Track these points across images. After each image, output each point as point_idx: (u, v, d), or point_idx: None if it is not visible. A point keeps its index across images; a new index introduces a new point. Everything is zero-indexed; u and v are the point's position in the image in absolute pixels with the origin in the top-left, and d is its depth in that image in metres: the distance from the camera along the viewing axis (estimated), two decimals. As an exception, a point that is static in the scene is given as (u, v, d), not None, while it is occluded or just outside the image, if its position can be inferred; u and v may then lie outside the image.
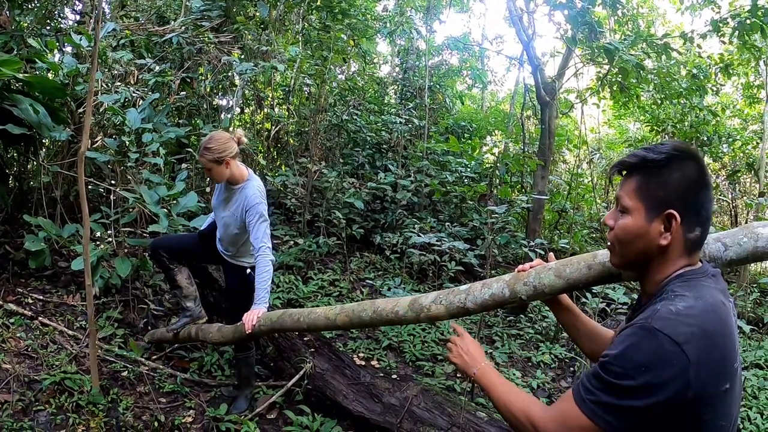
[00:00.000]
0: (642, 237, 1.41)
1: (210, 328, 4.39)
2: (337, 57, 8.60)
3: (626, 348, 1.25)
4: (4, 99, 5.20)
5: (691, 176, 1.37)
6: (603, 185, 12.38)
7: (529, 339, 6.76)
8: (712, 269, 1.44)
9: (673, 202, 1.37)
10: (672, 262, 1.41)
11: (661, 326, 1.23)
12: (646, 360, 1.21)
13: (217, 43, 6.76)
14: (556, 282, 2.01)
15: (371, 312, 2.82)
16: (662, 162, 1.38)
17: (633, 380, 1.22)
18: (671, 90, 8.54)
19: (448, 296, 2.41)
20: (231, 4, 7.25)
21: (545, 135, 7.99)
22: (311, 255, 7.43)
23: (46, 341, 4.62)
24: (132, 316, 5.46)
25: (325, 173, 7.55)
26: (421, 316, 2.53)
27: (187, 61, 6.66)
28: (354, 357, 5.18)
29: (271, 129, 8.69)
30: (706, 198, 1.39)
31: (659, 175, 1.38)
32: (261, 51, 7.11)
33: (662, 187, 1.38)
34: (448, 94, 11.20)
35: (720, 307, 1.31)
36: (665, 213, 1.37)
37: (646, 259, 1.44)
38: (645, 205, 1.40)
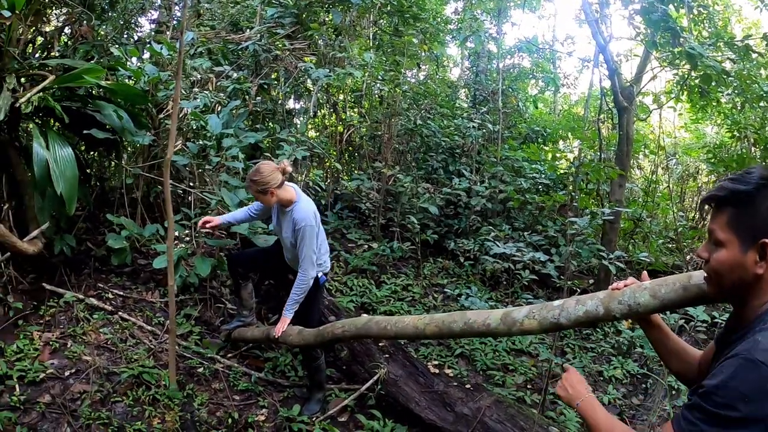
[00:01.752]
0: (738, 268, 1.42)
1: (290, 331, 4.36)
2: (410, 62, 8.55)
3: (730, 378, 1.25)
4: (88, 105, 5.42)
5: None
6: (679, 192, 11.78)
7: (601, 353, 6.44)
8: None
9: (766, 231, 1.37)
10: (765, 290, 1.41)
11: (765, 358, 1.23)
12: (750, 391, 1.21)
13: (291, 49, 6.82)
14: (650, 302, 2.00)
15: (462, 324, 2.81)
16: (752, 192, 1.38)
17: (737, 411, 1.22)
18: (752, 93, 7.99)
19: (541, 311, 2.42)
20: (303, 10, 7.32)
21: (623, 141, 7.62)
22: (384, 259, 7.37)
23: (125, 335, 4.72)
24: (209, 314, 5.53)
25: (400, 178, 7.48)
26: (513, 329, 2.53)
27: (264, 68, 6.75)
28: (428, 364, 5.03)
29: (343, 132, 8.71)
30: None
31: (750, 205, 1.39)
32: (335, 57, 7.12)
33: (754, 218, 1.38)
34: (521, 97, 10.94)
35: None
36: (760, 243, 1.37)
37: (742, 288, 1.45)
38: (739, 237, 1.41)
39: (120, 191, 5.77)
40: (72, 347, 4.32)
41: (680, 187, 12.17)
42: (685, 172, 12.29)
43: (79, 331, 4.51)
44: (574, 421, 4.83)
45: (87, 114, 5.41)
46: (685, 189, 12.32)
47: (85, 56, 5.94)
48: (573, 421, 4.83)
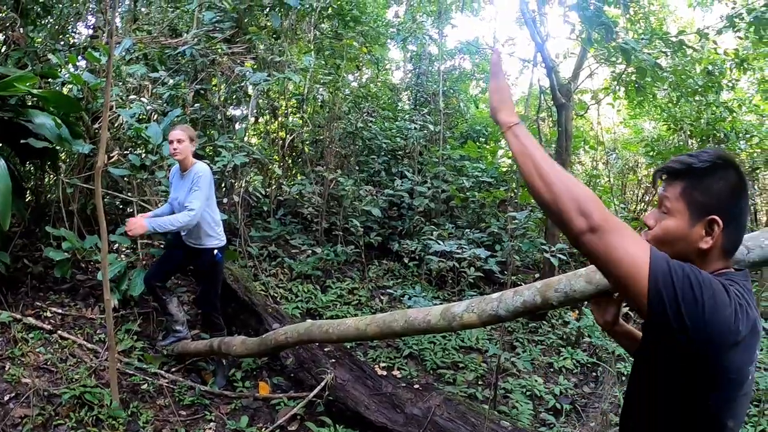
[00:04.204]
0: (682, 239, 1.46)
1: (233, 341, 4.37)
2: (350, 65, 8.58)
3: None
4: (20, 114, 5.24)
5: (732, 185, 1.43)
6: (620, 186, 12.23)
7: (550, 344, 6.66)
8: (740, 275, 1.48)
9: (715, 208, 1.42)
10: (709, 265, 1.45)
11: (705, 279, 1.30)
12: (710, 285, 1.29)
13: (230, 54, 6.77)
14: (586, 288, 2.05)
15: (403, 322, 2.82)
16: (707, 169, 1.44)
17: (695, 292, 1.26)
18: (687, 88, 8.41)
19: (480, 304, 2.44)
20: (243, 15, 7.25)
21: (562, 137, 7.85)
22: (329, 264, 7.40)
23: (65, 355, 4.62)
24: (151, 328, 5.46)
25: (342, 181, 7.52)
26: (453, 324, 2.55)
27: (201, 73, 6.67)
28: (375, 367, 5.11)
29: (285, 138, 8.68)
30: (745, 205, 1.46)
31: (704, 181, 1.43)
32: (274, 61, 7.10)
33: (707, 194, 1.43)
34: (462, 98, 11.15)
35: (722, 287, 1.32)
36: (708, 218, 1.42)
37: (683, 260, 1.40)
38: (689, 209, 1.45)
39: (57, 204, 5.61)
40: (10, 370, 4.20)
41: (621, 181, 12.61)
42: (625, 166, 12.71)
43: (18, 353, 4.39)
44: (527, 414, 4.99)
45: (20, 124, 5.23)
46: (626, 182, 12.77)
47: (17, 63, 5.75)
48: (526, 413, 4.99)
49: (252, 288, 5.88)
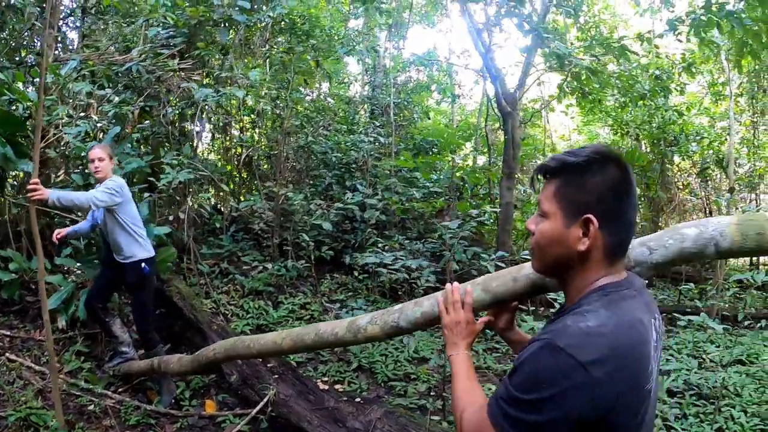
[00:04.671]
0: (560, 242, 1.41)
1: (171, 360, 4.62)
2: (300, 79, 8.89)
3: (528, 361, 1.26)
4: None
5: (611, 181, 1.38)
6: None
7: (506, 352, 6.96)
8: (638, 282, 1.46)
9: (592, 206, 1.36)
10: (592, 269, 1.41)
11: (566, 344, 1.22)
12: (549, 376, 1.21)
13: (178, 70, 7.02)
14: (483, 296, 2.06)
15: (313, 335, 2.93)
16: (581, 166, 1.39)
17: (535, 394, 1.22)
18: (634, 92, 8.87)
19: (383, 316, 2.50)
20: (194, 30, 7.51)
21: (509, 145, 8.23)
22: (282, 279, 7.68)
23: (12, 377, 4.83)
24: (99, 349, 5.68)
25: (290, 196, 7.81)
26: (358, 336, 2.60)
27: (146, 90, 6.91)
28: (318, 381, 5.41)
29: (241, 153, 8.96)
30: (627, 203, 1.39)
31: (578, 179, 1.39)
32: (221, 77, 7.38)
33: (580, 192, 1.38)
34: (417, 109, 11.56)
35: (637, 326, 1.30)
36: (583, 218, 1.36)
37: (565, 265, 1.44)
38: (563, 210, 1.40)
39: (4, 224, 5.80)
40: None
41: None
42: None
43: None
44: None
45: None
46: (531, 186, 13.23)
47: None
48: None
49: (198, 305, 6.14)
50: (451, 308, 1.83)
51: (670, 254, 1.89)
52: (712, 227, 1.85)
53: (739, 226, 1.81)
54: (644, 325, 1.33)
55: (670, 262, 1.92)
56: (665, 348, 6.94)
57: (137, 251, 5.01)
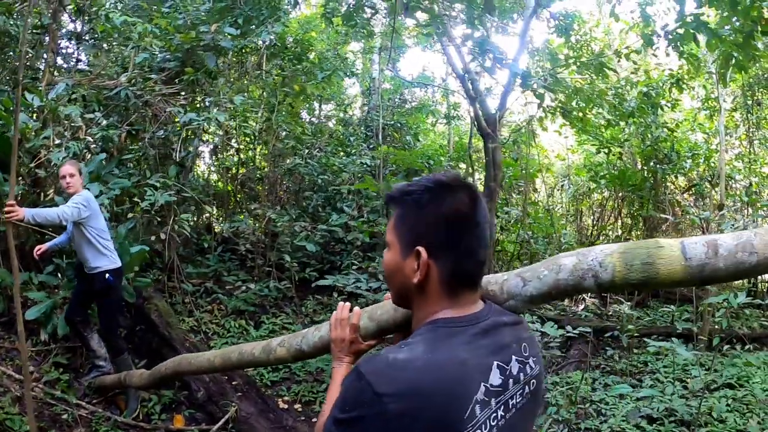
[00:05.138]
0: (399, 273, 1.44)
1: (134, 374, 5.04)
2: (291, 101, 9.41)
3: (344, 382, 1.32)
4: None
5: (446, 210, 1.38)
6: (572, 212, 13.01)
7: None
8: (495, 318, 1.44)
9: (423, 237, 1.38)
10: (431, 302, 1.41)
11: (367, 371, 1.24)
12: (351, 399, 1.25)
13: (166, 94, 7.55)
14: (368, 324, 2.11)
15: (237, 354, 3.09)
16: (417, 195, 1.41)
17: (346, 414, 1.25)
18: (621, 110, 9.05)
19: (290, 339, 2.62)
20: (186, 55, 8.05)
21: (490, 167, 8.44)
22: (266, 299, 8.12)
23: (-7, 384, 5.31)
24: (80, 362, 6.14)
25: (274, 218, 8.27)
26: (270, 357, 2.72)
27: (133, 114, 7.45)
28: (279, 400, 5.81)
29: (237, 174, 9.48)
30: (466, 233, 1.39)
31: (414, 209, 1.41)
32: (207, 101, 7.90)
33: (415, 222, 1.41)
34: (411, 131, 12.01)
35: (455, 367, 1.26)
36: (415, 249, 1.38)
37: (406, 296, 1.47)
38: (400, 241, 1.43)
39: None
40: None
41: (574, 207, 13.39)
42: (577, 192, 13.54)
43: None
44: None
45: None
46: (580, 208, 13.60)
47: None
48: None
49: (174, 323, 6.60)
50: (338, 325, 1.91)
51: (545, 287, 1.83)
52: (592, 257, 1.78)
53: (623, 255, 1.72)
54: (466, 366, 1.29)
55: (545, 295, 1.86)
56: (651, 372, 7.15)
57: (103, 262, 5.44)
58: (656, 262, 1.66)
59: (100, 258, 5.43)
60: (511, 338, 1.43)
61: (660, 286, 1.75)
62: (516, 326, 1.49)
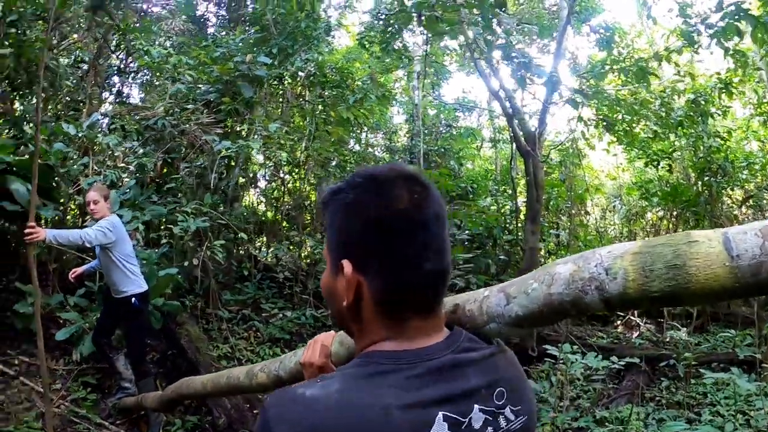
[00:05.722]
0: (333, 294, 1.19)
1: (149, 396, 5.35)
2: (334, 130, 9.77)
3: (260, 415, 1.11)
4: (3, 179, 6.51)
5: (375, 210, 1.11)
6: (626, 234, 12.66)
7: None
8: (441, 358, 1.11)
9: (351, 248, 1.14)
10: (367, 332, 1.17)
11: (270, 404, 1.09)
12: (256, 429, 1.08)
13: (204, 123, 8.02)
14: (339, 350, 2.10)
15: (225, 379, 3.18)
16: (342, 196, 1.16)
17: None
18: (668, 121, 8.81)
19: (270, 365, 2.59)
20: (225, 86, 8.55)
21: (531, 187, 8.30)
22: (303, 327, 8.33)
23: (21, 399, 5.72)
24: (108, 383, 6.50)
25: (312, 246, 8.54)
26: (253, 383, 2.72)
27: (169, 143, 7.94)
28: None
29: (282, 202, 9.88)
30: (403, 237, 1.10)
31: (340, 213, 1.16)
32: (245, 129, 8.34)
33: (340, 229, 1.17)
34: (456, 155, 12.15)
35: (374, 415, 1.02)
36: (340, 264, 1.14)
37: (345, 323, 1.24)
38: (330, 255, 1.19)
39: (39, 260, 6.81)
40: None
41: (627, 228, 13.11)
42: (629, 212, 13.21)
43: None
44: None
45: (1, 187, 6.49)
46: (633, 229, 13.26)
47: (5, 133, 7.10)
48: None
49: (203, 349, 6.90)
50: (310, 348, 1.76)
51: (534, 304, 1.40)
52: (595, 261, 1.30)
53: (639, 257, 1.23)
54: (391, 416, 1.02)
55: (535, 315, 1.42)
56: (711, 404, 6.86)
57: (129, 287, 5.68)
58: (687, 264, 1.15)
59: (127, 282, 5.67)
60: (480, 381, 1.12)
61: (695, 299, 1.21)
62: (491, 364, 1.17)
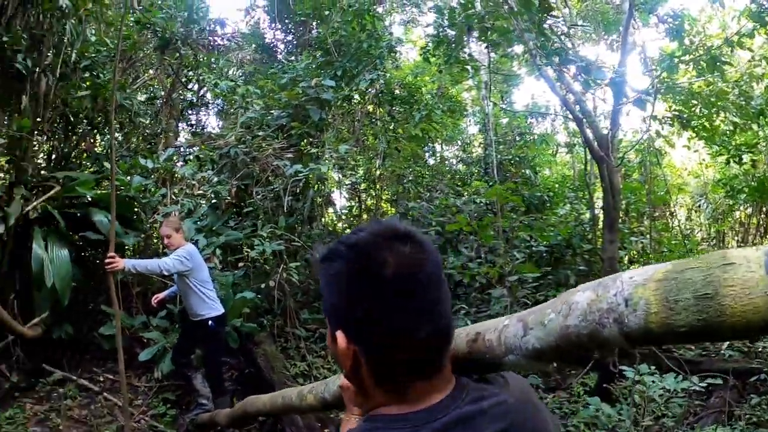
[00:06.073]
0: (336, 358, 1.17)
1: (221, 413, 5.80)
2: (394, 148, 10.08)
3: None
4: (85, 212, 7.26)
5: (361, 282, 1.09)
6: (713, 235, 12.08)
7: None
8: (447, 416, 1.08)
9: (342, 318, 1.13)
10: (370, 397, 1.18)
11: None
12: None
13: (276, 148, 8.54)
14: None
15: (281, 398, 3.37)
16: (326, 266, 1.15)
17: None
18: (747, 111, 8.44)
19: (318, 387, 2.68)
20: (295, 111, 9.07)
21: (607, 193, 8.06)
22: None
23: (104, 413, 6.37)
24: (188, 399, 7.06)
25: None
26: (303, 404, 2.80)
27: (242, 169, 8.50)
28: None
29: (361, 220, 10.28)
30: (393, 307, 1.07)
31: (329, 282, 1.15)
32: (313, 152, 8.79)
33: (329, 298, 1.16)
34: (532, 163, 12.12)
35: None
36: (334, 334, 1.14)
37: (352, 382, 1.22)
38: (328, 321, 1.18)
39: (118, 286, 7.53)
40: (54, 419, 6.02)
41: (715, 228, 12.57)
42: (716, 211, 12.74)
43: (65, 407, 6.20)
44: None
45: (87, 218, 7.25)
46: (722, 228, 12.74)
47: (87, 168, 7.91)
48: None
49: (278, 368, 7.31)
50: None
51: (550, 337, 1.25)
52: (614, 290, 1.11)
53: (663, 285, 1.02)
54: None
55: (552, 349, 1.26)
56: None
57: (206, 310, 6.15)
58: (720, 294, 0.95)
59: (203, 306, 6.13)
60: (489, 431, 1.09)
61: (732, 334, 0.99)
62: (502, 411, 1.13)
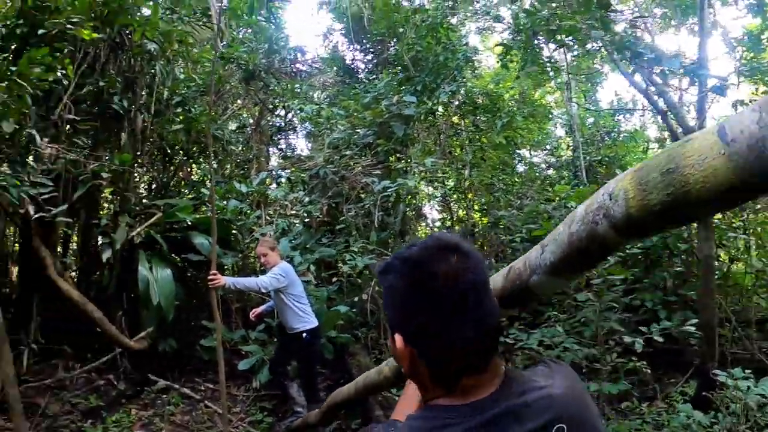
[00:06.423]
0: (396, 357, 1.34)
1: (311, 414, 6.23)
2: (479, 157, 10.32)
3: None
4: (186, 235, 8.05)
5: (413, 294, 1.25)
6: None
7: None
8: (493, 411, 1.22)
9: (398, 324, 1.30)
10: (425, 390, 1.34)
11: None
12: None
13: (363, 166, 9.05)
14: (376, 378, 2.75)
15: (363, 378, 3.56)
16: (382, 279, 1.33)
17: None
18: None
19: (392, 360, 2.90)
20: (380, 128, 9.56)
21: None
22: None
23: (204, 419, 7.03)
24: (284, 408, 7.63)
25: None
26: (381, 377, 3.04)
27: (331, 189, 9.05)
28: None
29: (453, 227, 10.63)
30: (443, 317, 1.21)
31: (388, 291, 1.33)
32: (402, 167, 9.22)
33: (389, 306, 1.34)
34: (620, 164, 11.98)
35: None
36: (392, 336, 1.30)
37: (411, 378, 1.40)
38: (388, 325, 1.35)
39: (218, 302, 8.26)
40: (158, 423, 6.76)
41: None
42: None
43: (168, 413, 6.93)
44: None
45: (188, 241, 8.04)
46: None
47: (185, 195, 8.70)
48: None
49: (369, 377, 7.74)
50: None
51: (560, 248, 1.51)
52: (603, 190, 1.36)
53: (638, 174, 1.24)
54: None
55: (564, 258, 1.53)
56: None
57: (300, 324, 6.55)
58: (681, 165, 1.10)
59: (298, 320, 6.55)
60: (535, 424, 1.21)
61: (701, 205, 1.12)
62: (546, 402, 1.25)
